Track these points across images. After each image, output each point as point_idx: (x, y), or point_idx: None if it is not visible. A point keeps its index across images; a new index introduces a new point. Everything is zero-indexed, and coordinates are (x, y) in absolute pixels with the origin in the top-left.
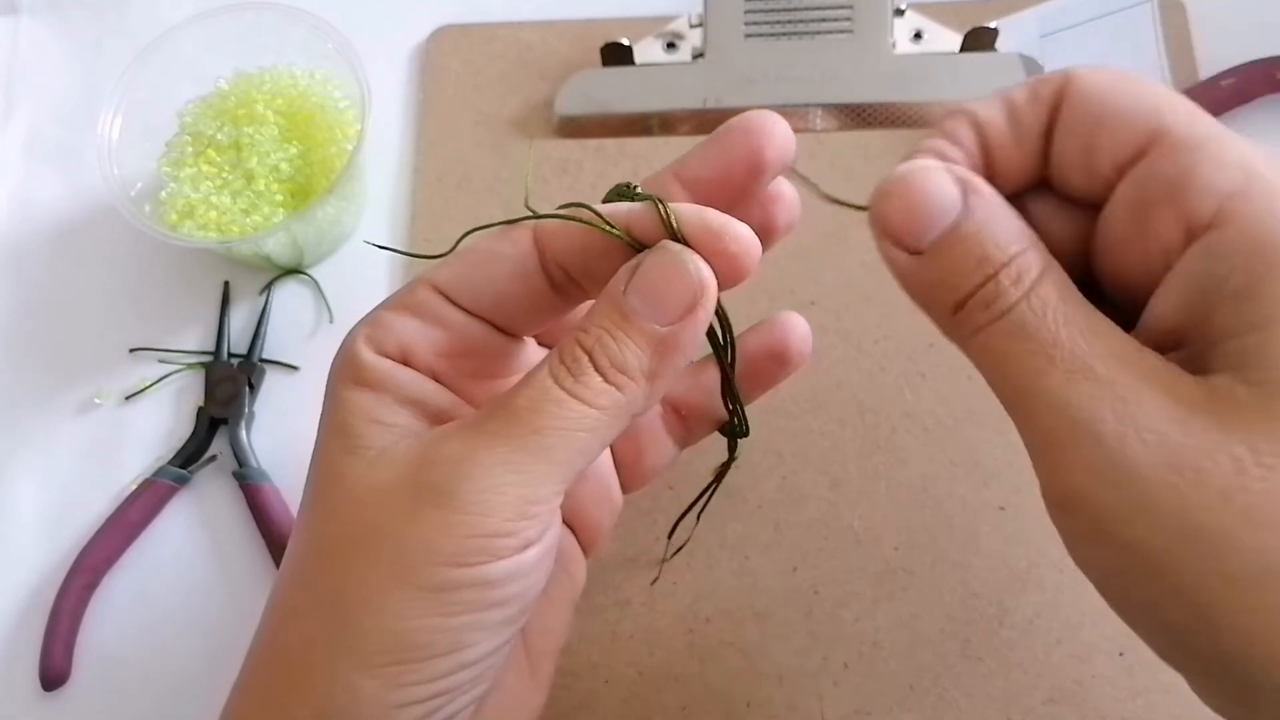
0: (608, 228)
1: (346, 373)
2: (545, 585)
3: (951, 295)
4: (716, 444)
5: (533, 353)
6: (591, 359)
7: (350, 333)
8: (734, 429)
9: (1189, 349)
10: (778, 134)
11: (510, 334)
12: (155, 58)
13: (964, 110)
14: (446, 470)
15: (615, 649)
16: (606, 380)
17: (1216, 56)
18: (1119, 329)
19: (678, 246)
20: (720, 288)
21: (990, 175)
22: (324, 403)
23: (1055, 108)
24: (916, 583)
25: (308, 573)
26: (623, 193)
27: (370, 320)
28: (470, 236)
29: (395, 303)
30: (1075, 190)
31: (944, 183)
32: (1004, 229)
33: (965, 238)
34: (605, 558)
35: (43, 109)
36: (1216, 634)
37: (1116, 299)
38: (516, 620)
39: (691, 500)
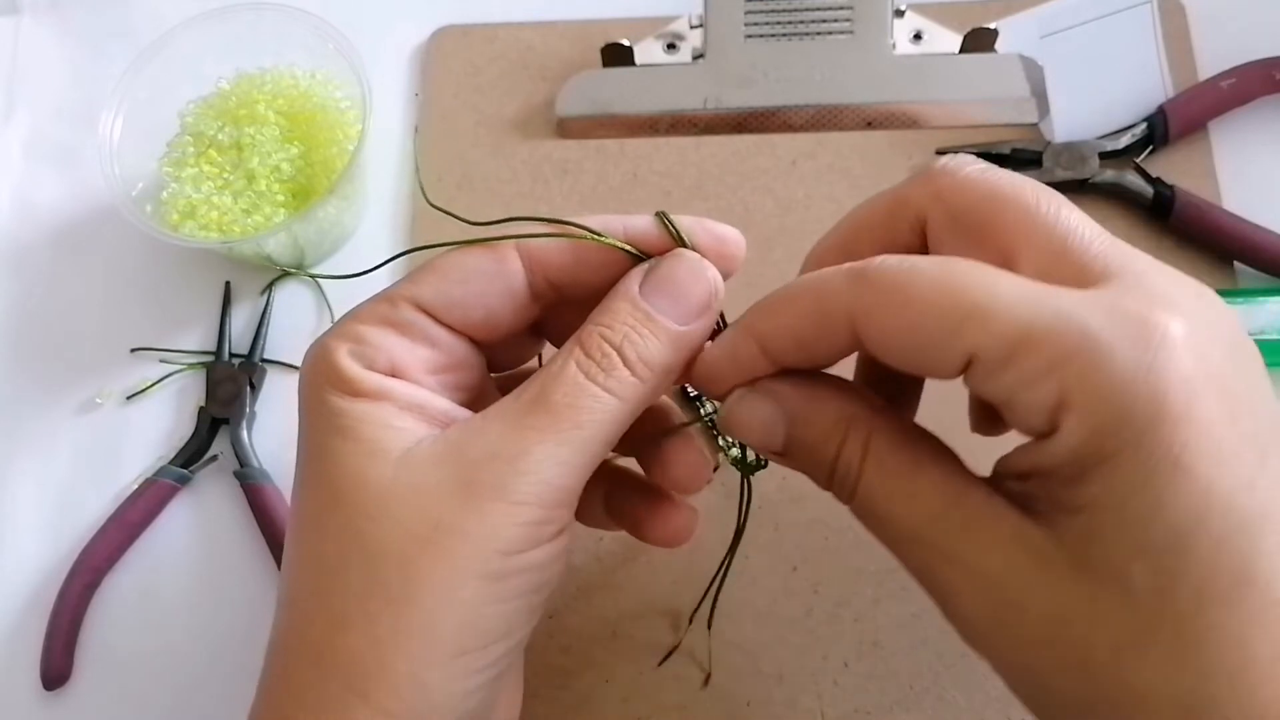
0: (619, 244)
1: (336, 385)
2: None
3: (819, 478)
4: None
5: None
6: (620, 354)
7: (322, 344)
8: (746, 464)
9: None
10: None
11: (482, 349)
12: (156, 58)
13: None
14: (501, 466)
15: (615, 649)
16: (633, 374)
17: (1216, 56)
18: (943, 474)
19: (694, 254)
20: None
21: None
22: (311, 413)
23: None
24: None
25: (359, 577)
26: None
27: (349, 335)
28: (437, 251)
29: (375, 318)
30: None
31: (758, 404)
32: (819, 424)
33: (796, 444)
34: (604, 557)
35: (43, 109)
36: None
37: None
38: (547, 600)
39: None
